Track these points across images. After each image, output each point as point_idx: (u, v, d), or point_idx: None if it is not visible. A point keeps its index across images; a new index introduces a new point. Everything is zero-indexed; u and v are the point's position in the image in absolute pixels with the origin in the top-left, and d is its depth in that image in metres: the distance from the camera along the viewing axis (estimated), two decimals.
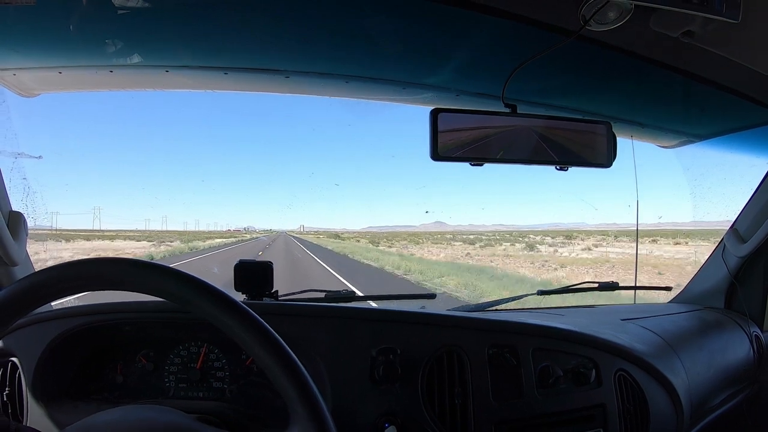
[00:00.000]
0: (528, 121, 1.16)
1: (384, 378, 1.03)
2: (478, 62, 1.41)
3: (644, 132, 1.90)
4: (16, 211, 1.21)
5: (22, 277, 0.63)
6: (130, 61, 1.41)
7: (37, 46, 1.33)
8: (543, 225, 56.89)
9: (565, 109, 1.69)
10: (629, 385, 1.21)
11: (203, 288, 0.63)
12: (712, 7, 0.94)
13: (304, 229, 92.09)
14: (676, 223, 27.66)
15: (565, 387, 1.15)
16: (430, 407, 1.05)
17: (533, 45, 1.13)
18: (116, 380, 1.15)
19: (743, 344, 1.66)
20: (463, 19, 1.15)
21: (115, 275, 0.63)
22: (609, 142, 1.21)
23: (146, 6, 1.14)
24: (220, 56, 1.42)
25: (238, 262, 1.24)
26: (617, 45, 1.19)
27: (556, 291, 1.72)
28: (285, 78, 1.50)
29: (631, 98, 1.66)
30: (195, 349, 1.16)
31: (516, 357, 1.14)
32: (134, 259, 0.65)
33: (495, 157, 1.14)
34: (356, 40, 1.34)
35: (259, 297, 1.23)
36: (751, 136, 1.79)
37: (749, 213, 1.74)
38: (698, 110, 1.68)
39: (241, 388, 1.13)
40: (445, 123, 1.08)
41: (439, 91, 1.59)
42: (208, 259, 21.04)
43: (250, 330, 0.62)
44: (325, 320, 1.12)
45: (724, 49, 1.16)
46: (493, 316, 1.36)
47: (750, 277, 1.81)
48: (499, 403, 1.08)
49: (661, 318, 1.60)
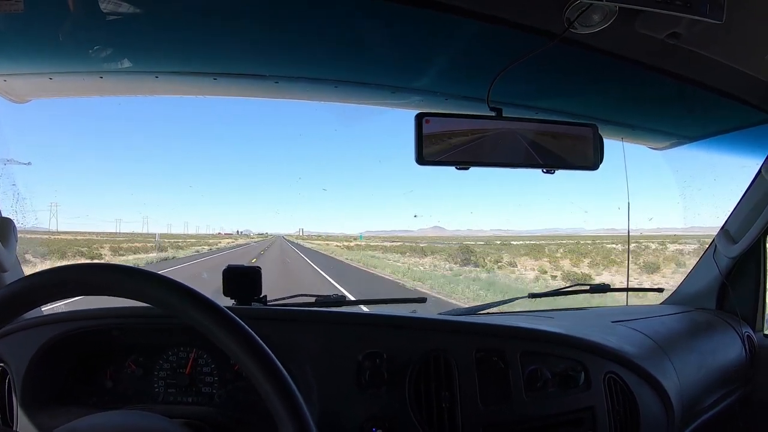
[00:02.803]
0: (514, 125, 1.16)
1: (370, 383, 1.03)
2: (466, 66, 1.42)
3: (635, 134, 1.91)
4: (5, 218, 1.22)
5: (10, 282, 0.63)
6: (120, 66, 1.42)
7: (27, 52, 1.34)
8: (541, 230, 56.77)
9: (553, 112, 1.70)
10: (619, 388, 1.21)
11: (184, 292, 0.63)
12: (697, 8, 0.94)
13: (303, 232, 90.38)
14: (681, 228, 26.72)
15: (553, 390, 1.15)
16: (418, 412, 1.05)
17: (519, 48, 1.13)
18: (106, 385, 1.15)
19: (735, 345, 1.66)
20: (449, 23, 1.15)
21: (101, 281, 0.63)
22: (595, 144, 1.21)
23: (136, 12, 1.15)
24: (209, 62, 1.43)
25: (226, 267, 1.24)
26: (603, 47, 1.19)
27: (547, 294, 1.72)
28: (274, 83, 1.50)
29: (619, 100, 1.67)
30: (184, 354, 1.16)
31: (504, 361, 1.14)
32: (120, 265, 0.65)
33: (481, 161, 1.14)
34: (344, 45, 1.35)
35: (247, 302, 1.23)
36: (740, 136, 1.79)
37: (739, 214, 1.74)
38: (687, 111, 1.69)
39: (230, 393, 1.13)
40: (429, 127, 1.08)
41: (428, 95, 1.60)
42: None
43: (231, 333, 0.62)
44: (312, 325, 1.12)
45: (711, 50, 1.17)
46: (482, 319, 1.36)
47: (741, 278, 1.81)
48: (487, 407, 1.08)
49: (652, 320, 1.60)
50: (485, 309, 1.60)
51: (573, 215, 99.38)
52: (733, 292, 1.80)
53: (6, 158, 1.42)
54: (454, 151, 1.10)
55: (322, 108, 17.39)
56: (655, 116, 1.82)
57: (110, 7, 1.11)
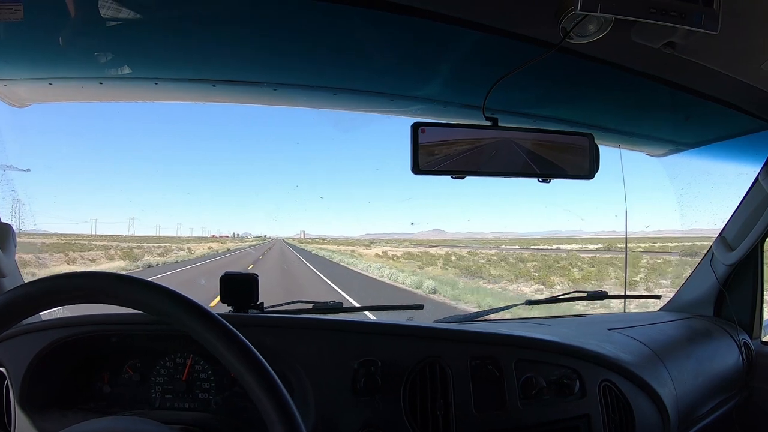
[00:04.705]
0: (510, 134, 1.17)
1: (365, 390, 1.03)
2: (463, 75, 1.43)
3: (632, 141, 1.92)
4: (4, 223, 1.22)
5: (10, 289, 0.64)
6: (119, 73, 1.42)
7: (27, 57, 1.35)
8: (542, 233, 56.51)
9: (550, 120, 1.70)
10: (614, 396, 1.21)
11: (178, 299, 0.64)
12: (691, 19, 0.94)
13: (304, 235, 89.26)
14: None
15: (548, 398, 1.15)
16: (413, 418, 1.05)
17: (516, 57, 1.14)
18: (103, 390, 1.15)
19: (732, 352, 1.66)
20: (447, 33, 1.16)
21: (99, 289, 0.64)
22: (591, 154, 1.21)
23: (135, 19, 1.15)
24: (208, 69, 1.44)
25: (224, 274, 1.25)
26: (599, 57, 1.20)
27: (544, 301, 1.72)
28: (273, 90, 1.51)
29: (616, 108, 1.68)
30: (181, 360, 1.16)
31: (498, 368, 1.14)
32: (119, 274, 0.66)
33: (477, 170, 1.14)
34: (343, 54, 1.36)
35: (244, 309, 1.24)
36: (737, 144, 1.80)
37: (737, 221, 1.74)
38: (683, 119, 1.69)
39: (226, 399, 1.14)
40: (425, 137, 1.08)
41: (426, 103, 1.61)
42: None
43: (221, 339, 0.62)
44: (308, 332, 1.13)
45: (706, 60, 1.17)
46: (478, 327, 1.36)
47: (738, 285, 1.81)
48: (481, 415, 1.09)
49: (648, 327, 1.60)
50: (482, 316, 1.61)
51: (573, 218, 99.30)
52: (730, 300, 1.80)
53: (5, 164, 1.42)
54: (450, 161, 1.11)
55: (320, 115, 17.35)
56: (652, 124, 1.82)
57: (110, 14, 1.12)
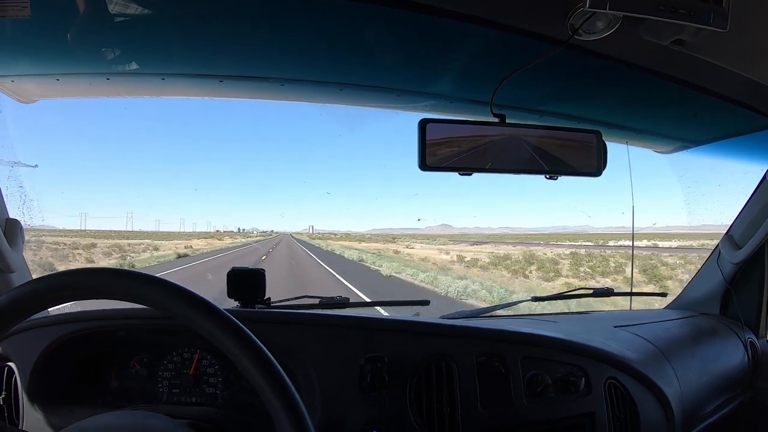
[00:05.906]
0: (517, 131, 1.16)
1: (371, 386, 1.04)
2: (471, 71, 1.41)
3: (640, 138, 1.91)
4: (12, 219, 1.23)
5: (18, 285, 0.64)
6: (126, 68, 1.42)
7: (35, 53, 1.34)
8: (549, 228, 56.31)
9: (557, 116, 1.69)
10: (619, 394, 1.21)
11: (185, 295, 0.64)
12: (701, 17, 0.94)
13: (313, 230, 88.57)
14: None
15: (554, 395, 1.16)
16: (419, 415, 1.06)
17: (524, 54, 1.13)
18: (111, 385, 1.16)
19: (738, 351, 1.66)
20: (454, 30, 1.16)
21: (107, 285, 0.64)
22: (599, 151, 1.21)
23: (143, 15, 1.15)
24: (215, 64, 1.44)
25: (230, 270, 1.25)
26: (608, 53, 1.19)
27: (550, 297, 1.72)
28: (280, 85, 1.51)
29: (624, 105, 1.66)
30: (188, 354, 1.17)
31: (505, 365, 1.14)
32: (127, 270, 0.67)
33: (484, 167, 1.14)
34: (350, 49, 1.35)
35: (251, 304, 1.24)
36: (746, 141, 1.78)
37: (744, 219, 1.73)
38: (692, 116, 1.68)
39: (233, 394, 1.15)
40: (433, 133, 1.08)
41: (433, 99, 1.60)
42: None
43: (226, 333, 0.62)
44: (315, 328, 1.13)
45: (716, 57, 1.16)
46: (484, 323, 1.36)
47: (745, 284, 1.81)
48: (487, 412, 1.09)
49: (654, 325, 1.60)
50: (488, 312, 1.61)
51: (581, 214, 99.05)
52: (736, 298, 1.80)
53: (14, 160, 1.43)
54: (457, 157, 1.10)
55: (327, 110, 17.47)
56: (660, 120, 1.81)
57: (117, 10, 1.12)
